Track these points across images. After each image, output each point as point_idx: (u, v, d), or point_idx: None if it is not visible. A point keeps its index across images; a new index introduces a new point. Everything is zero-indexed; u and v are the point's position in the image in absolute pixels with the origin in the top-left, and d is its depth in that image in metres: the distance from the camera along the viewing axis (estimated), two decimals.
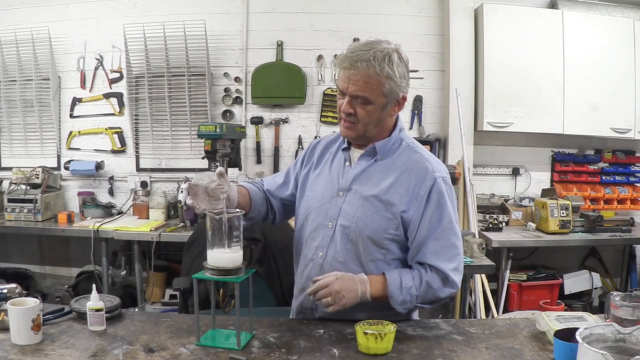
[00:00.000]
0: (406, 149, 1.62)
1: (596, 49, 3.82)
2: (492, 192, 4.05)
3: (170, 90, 3.98)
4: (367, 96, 1.49)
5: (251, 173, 4.08)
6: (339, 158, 1.68)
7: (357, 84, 1.48)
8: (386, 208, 1.55)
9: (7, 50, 3.99)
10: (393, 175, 1.57)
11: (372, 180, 1.59)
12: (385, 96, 1.52)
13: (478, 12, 3.86)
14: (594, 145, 4.19)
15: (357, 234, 1.56)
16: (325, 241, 1.61)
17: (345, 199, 1.59)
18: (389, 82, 1.50)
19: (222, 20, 4.00)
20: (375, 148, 1.60)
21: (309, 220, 1.66)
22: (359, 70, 1.47)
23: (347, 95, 1.51)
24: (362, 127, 1.55)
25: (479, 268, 2.91)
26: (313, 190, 1.68)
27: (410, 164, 1.58)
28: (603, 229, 3.71)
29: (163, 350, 1.38)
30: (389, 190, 1.55)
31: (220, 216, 1.40)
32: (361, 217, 1.56)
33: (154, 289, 3.68)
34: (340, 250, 1.58)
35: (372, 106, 1.52)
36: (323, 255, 1.60)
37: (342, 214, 1.58)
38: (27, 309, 1.40)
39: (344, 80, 1.51)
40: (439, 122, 4.09)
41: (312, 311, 1.66)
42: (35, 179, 3.74)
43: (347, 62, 1.49)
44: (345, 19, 4.01)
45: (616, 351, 1.17)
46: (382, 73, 1.48)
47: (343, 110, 1.53)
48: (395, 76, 1.51)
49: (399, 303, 1.52)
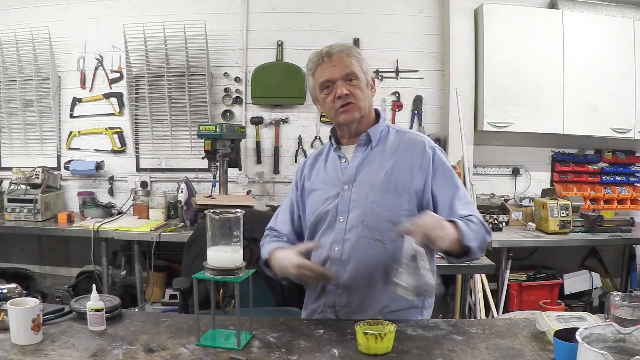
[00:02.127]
0: (396, 133, 1.73)
1: (596, 49, 3.82)
2: (492, 192, 4.05)
3: (170, 90, 3.98)
4: (354, 70, 1.62)
5: (251, 173, 4.08)
6: (332, 159, 1.73)
7: (341, 64, 1.61)
8: (395, 186, 1.61)
9: (7, 50, 3.99)
10: (393, 156, 1.66)
11: (374, 165, 1.66)
12: (365, 72, 1.66)
13: (478, 12, 3.86)
14: (594, 145, 4.19)
15: (373, 218, 1.60)
16: (339, 235, 1.63)
17: (352, 190, 1.64)
18: (362, 61, 1.66)
19: (222, 20, 4.00)
20: (369, 135, 1.68)
21: (318, 224, 1.68)
22: (337, 54, 1.62)
23: (336, 79, 1.61)
24: (361, 105, 1.64)
25: (479, 268, 2.91)
26: (314, 197, 1.72)
27: (406, 143, 1.68)
28: (603, 229, 3.71)
29: (163, 350, 1.38)
30: (394, 168, 1.63)
31: (220, 216, 1.40)
32: (374, 201, 1.61)
33: (154, 289, 3.68)
34: (358, 239, 1.61)
35: (360, 82, 1.63)
36: (339, 249, 1.62)
37: (353, 205, 1.63)
38: (27, 309, 1.40)
39: (326, 71, 1.62)
40: (439, 122, 4.10)
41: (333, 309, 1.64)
42: (35, 179, 3.74)
43: (325, 54, 1.63)
44: (345, 19, 4.01)
45: (616, 351, 1.17)
46: (355, 54, 1.64)
47: (339, 94, 1.61)
48: (363, 58, 1.67)
49: (472, 239, 1.50)
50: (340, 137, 1.74)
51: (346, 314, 1.63)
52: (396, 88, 4.06)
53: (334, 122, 1.69)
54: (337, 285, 1.62)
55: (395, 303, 1.61)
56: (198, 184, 4.07)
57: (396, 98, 4.06)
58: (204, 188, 4.02)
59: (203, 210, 3.17)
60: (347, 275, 1.61)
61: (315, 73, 1.65)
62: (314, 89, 1.69)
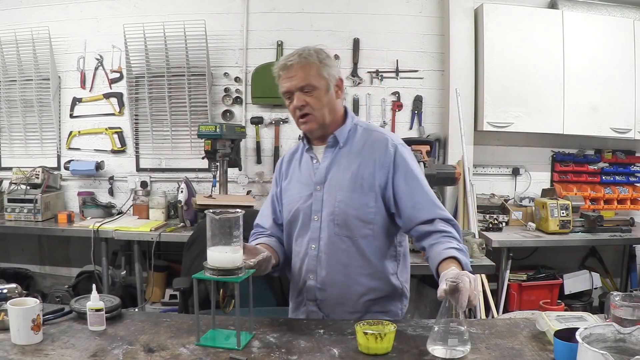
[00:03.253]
0: (364, 132, 1.75)
1: (596, 49, 3.82)
2: (492, 192, 4.05)
3: (170, 90, 3.98)
4: (310, 81, 1.64)
5: (251, 173, 4.08)
6: (305, 160, 1.79)
7: (297, 75, 1.64)
8: (362, 185, 1.66)
9: (7, 50, 3.99)
10: (359, 156, 1.70)
11: (342, 165, 1.70)
12: (325, 78, 1.66)
13: (478, 12, 3.86)
14: (594, 145, 4.20)
15: (342, 217, 1.66)
16: (315, 234, 1.70)
17: (324, 190, 1.70)
18: (323, 66, 1.66)
19: (222, 20, 4.00)
20: (336, 136, 1.72)
21: (293, 223, 1.75)
22: (295, 64, 1.64)
23: (294, 91, 1.64)
24: (319, 115, 1.67)
25: (479, 268, 2.91)
26: (289, 196, 1.78)
27: (371, 141, 1.71)
28: (603, 229, 3.71)
29: (163, 350, 1.38)
30: (359, 167, 1.68)
31: (220, 216, 1.40)
32: (342, 200, 1.67)
33: (154, 289, 3.68)
34: (330, 236, 1.68)
35: (318, 91, 1.65)
36: (316, 247, 1.70)
37: (325, 204, 1.69)
38: (27, 309, 1.40)
39: (285, 82, 1.66)
40: (439, 122, 4.10)
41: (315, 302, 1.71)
42: (35, 179, 3.74)
43: (282, 67, 1.66)
44: (345, 19, 4.01)
45: (616, 351, 1.17)
46: (314, 61, 1.65)
47: (295, 105, 1.66)
48: (325, 61, 1.67)
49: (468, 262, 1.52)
50: (311, 137, 1.79)
51: (328, 306, 1.71)
52: (396, 88, 4.06)
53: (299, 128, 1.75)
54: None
55: (372, 292, 1.70)
56: (198, 184, 4.07)
57: (396, 98, 4.07)
58: (204, 188, 4.02)
59: (203, 210, 3.17)
60: (324, 271, 1.69)
61: (279, 82, 1.70)
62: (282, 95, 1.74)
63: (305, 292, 1.74)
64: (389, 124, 4.09)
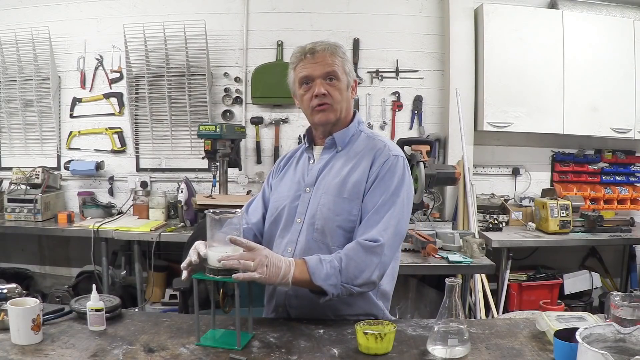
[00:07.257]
0: (365, 138, 1.69)
1: (596, 49, 3.82)
2: (492, 192, 4.05)
3: (170, 90, 3.98)
4: (336, 70, 1.59)
5: (251, 173, 4.08)
6: (303, 159, 1.75)
7: (324, 62, 1.58)
8: (347, 191, 1.58)
9: (7, 50, 3.99)
10: (352, 161, 1.63)
11: (333, 170, 1.64)
12: (347, 74, 1.63)
13: (478, 12, 3.86)
14: (594, 145, 4.20)
15: (322, 222, 1.58)
16: (294, 236, 1.63)
17: (312, 193, 1.64)
18: (346, 62, 1.63)
19: (222, 20, 4.00)
20: (334, 139, 1.66)
21: (277, 222, 1.69)
22: (321, 52, 1.59)
23: (316, 78, 1.59)
24: (338, 107, 1.62)
25: (479, 268, 2.91)
26: (277, 193, 1.73)
27: (369, 148, 1.64)
28: (603, 229, 3.71)
29: (163, 350, 1.38)
30: (349, 174, 1.60)
31: (220, 216, 1.40)
32: (324, 204, 1.59)
33: (154, 289, 3.68)
34: (307, 241, 1.59)
35: (340, 83, 1.61)
36: (292, 250, 1.61)
37: (310, 208, 1.62)
38: (27, 309, 1.40)
39: (308, 66, 1.59)
40: (439, 122, 4.10)
41: (284, 308, 1.64)
42: (35, 179, 3.74)
43: (309, 50, 1.59)
44: (345, 19, 4.02)
45: (616, 351, 1.17)
46: (340, 53, 1.62)
47: (317, 93, 1.59)
48: (347, 58, 1.65)
49: (322, 278, 1.43)
50: (315, 136, 1.75)
51: (299, 315, 1.62)
52: (396, 88, 4.06)
53: (309, 120, 1.68)
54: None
55: (347, 308, 1.59)
56: (198, 184, 4.07)
57: (396, 98, 4.07)
58: (204, 188, 4.02)
59: (203, 210, 3.17)
60: None
61: (297, 67, 1.63)
62: (293, 83, 1.68)
63: (276, 296, 1.66)
64: (389, 124, 4.09)
